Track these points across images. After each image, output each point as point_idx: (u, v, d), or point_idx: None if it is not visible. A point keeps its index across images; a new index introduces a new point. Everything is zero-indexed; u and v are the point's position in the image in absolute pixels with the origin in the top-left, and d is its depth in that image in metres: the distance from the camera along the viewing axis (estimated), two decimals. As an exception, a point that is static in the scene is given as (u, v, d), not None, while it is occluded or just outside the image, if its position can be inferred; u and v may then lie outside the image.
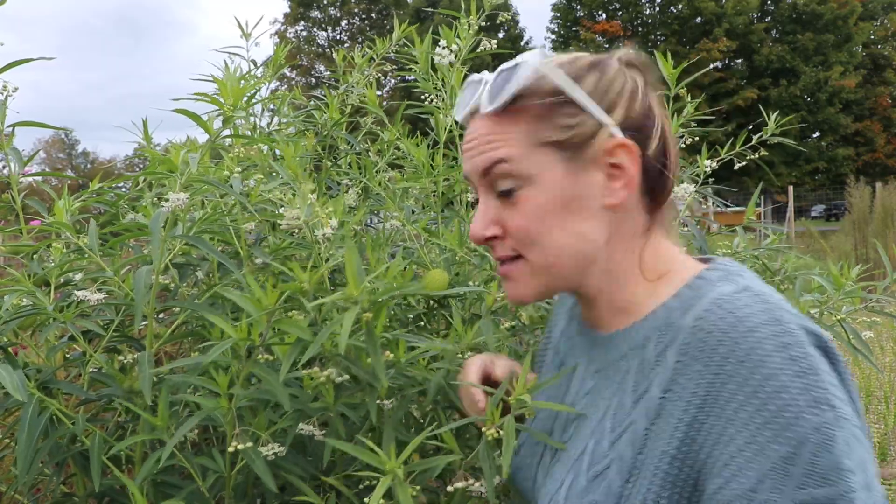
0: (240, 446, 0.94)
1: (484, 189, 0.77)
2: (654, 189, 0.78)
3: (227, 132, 1.05)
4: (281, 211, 1.09)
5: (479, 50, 1.55)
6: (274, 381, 0.89)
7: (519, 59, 0.75)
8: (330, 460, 1.01)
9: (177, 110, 0.95)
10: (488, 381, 0.93)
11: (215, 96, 1.02)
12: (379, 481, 0.78)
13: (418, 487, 0.86)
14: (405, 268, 1.25)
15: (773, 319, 0.65)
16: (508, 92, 0.74)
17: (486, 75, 0.78)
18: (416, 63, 1.59)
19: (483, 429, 0.84)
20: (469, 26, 1.51)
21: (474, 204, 1.78)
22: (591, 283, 0.79)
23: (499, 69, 0.77)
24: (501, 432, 0.82)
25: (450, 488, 0.86)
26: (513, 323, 1.35)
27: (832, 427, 0.61)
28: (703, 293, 0.71)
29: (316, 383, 0.99)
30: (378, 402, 1.00)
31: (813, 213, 26.01)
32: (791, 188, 14.65)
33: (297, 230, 1.11)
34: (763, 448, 0.61)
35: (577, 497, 0.73)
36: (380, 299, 0.89)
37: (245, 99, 1.03)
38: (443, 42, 1.50)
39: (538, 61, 0.74)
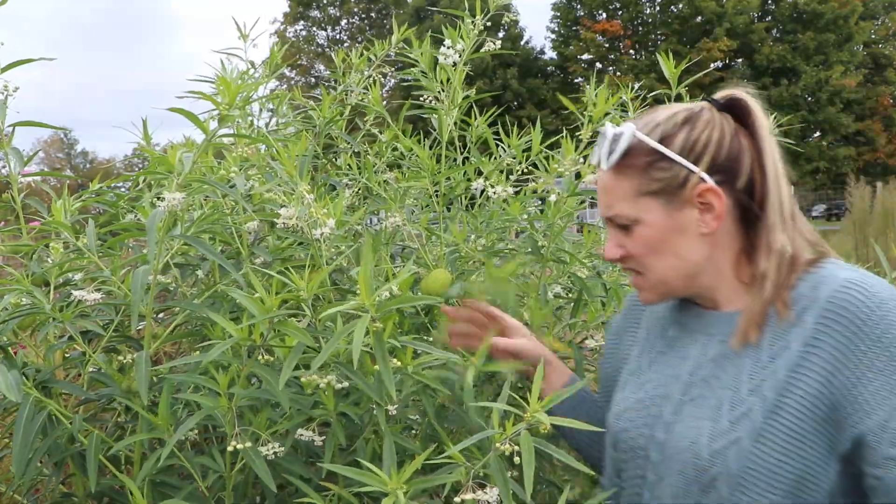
0: (239, 446, 0.93)
1: (609, 223, 0.99)
2: (747, 213, 0.97)
3: (223, 131, 1.05)
4: (279, 210, 1.09)
5: (482, 50, 1.54)
6: (275, 382, 0.89)
7: (621, 128, 0.97)
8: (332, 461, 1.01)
9: (173, 109, 0.94)
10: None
11: (212, 95, 1.01)
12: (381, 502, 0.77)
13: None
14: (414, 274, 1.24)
15: (894, 295, 0.88)
16: (615, 157, 0.96)
17: (609, 130, 0.98)
18: (419, 63, 1.58)
19: (496, 444, 0.84)
20: (474, 26, 1.50)
21: (468, 203, 1.77)
22: (703, 286, 0.99)
23: (613, 133, 0.98)
24: (516, 447, 0.82)
25: (457, 499, 0.84)
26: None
27: None
28: (824, 278, 0.92)
29: (313, 388, 0.98)
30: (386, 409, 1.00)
31: (814, 213, 25.96)
32: (792, 188, 14.61)
33: (295, 229, 1.10)
34: (893, 389, 0.84)
35: (720, 436, 0.90)
36: (390, 309, 0.88)
37: (241, 98, 1.02)
38: (447, 42, 1.49)
39: (635, 129, 0.95)
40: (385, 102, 1.78)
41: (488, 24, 1.55)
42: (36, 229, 1.41)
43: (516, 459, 0.83)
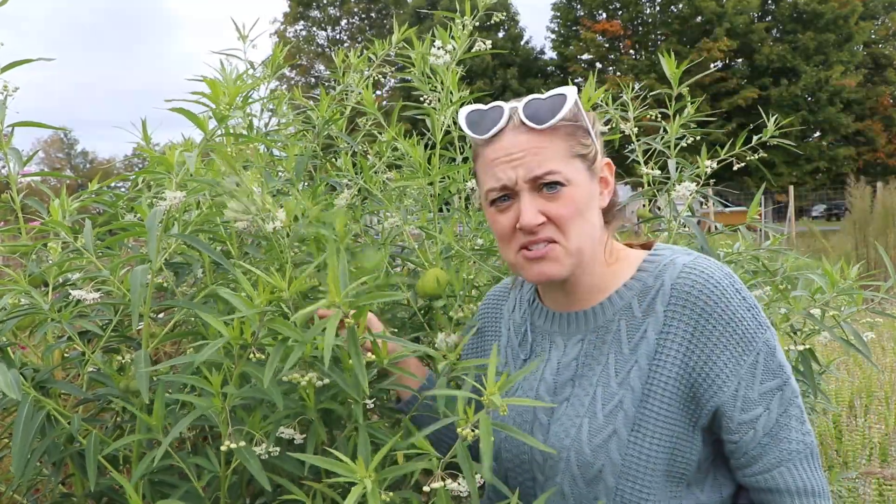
0: (233, 445, 0.94)
1: (529, 188, 0.97)
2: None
3: (222, 131, 1.05)
4: (229, 204, 1.07)
5: (473, 50, 1.54)
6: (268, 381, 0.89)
7: (561, 90, 0.98)
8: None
9: (174, 109, 0.95)
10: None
11: (211, 95, 1.01)
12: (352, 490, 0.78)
13: (391, 494, 0.85)
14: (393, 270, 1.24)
15: (727, 274, 0.97)
16: (559, 116, 0.96)
17: (504, 103, 1.00)
18: (413, 65, 1.58)
19: (458, 430, 0.85)
20: (463, 27, 1.50)
21: (457, 203, 1.77)
22: (587, 263, 1.01)
23: (532, 97, 0.99)
24: (477, 431, 0.83)
25: (426, 489, 0.86)
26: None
27: (772, 339, 0.96)
28: (665, 266, 0.99)
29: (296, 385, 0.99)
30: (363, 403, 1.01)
31: (814, 213, 25.93)
32: (792, 188, 14.63)
33: (245, 224, 1.08)
34: (738, 361, 0.94)
35: (597, 431, 0.96)
36: (361, 304, 0.90)
37: (241, 98, 1.02)
38: (438, 42, 1.49)
39: (574, 95, 0.98)
40: (385, 102, 1.78)
41: (488, 23, 1.55)
42: (35, 229, 1.41)
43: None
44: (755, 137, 1.66)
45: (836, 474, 2.56)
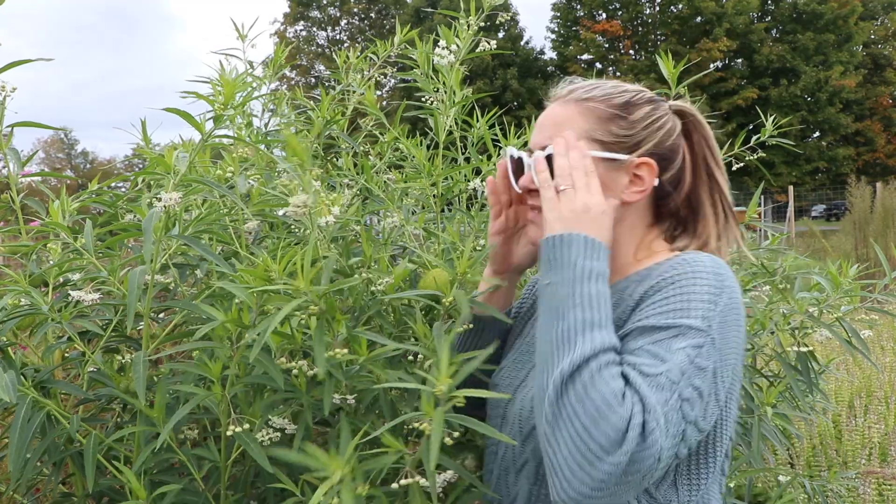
0: (237, 429, 0.95)
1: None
2: (660, 203, 1.03)
3: (220, 132, 1.05)
4: (289, 199, 1.08)
5: (478, 50, 1.54)
6: (268, 363, 0.90)
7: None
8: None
9: (169, 109, 0.94)
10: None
11: (208, 96, 1.01)
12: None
13: (374, 487, 0.85)
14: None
15: (720, 264, 0.90)
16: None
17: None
18: (416, 65, 1.58)
19: (417, 425, 0.84)
20: (468, 26, 1.50)
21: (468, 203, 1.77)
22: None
23: (590, 81, 1.03)
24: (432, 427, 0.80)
25: (394, 485, 0.86)
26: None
27: (708, 346, 0.85)
28: (679, 257, 0.95)
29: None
30: (342, 398, 1.02)
31: (813, 213, 25.92)
32: (791, 188, 14.63)
33: (300, 219, 1.08)
34: (654, 320, 0.88)
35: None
36: (329, 292, 0.90)
37: (240, 97, 1.02)
38: (442, 42, 1.48)
39: (622, 83, 1.00)
40: (386, 102, 1.78)
41: (486, 23, 1.55)
42: (35, 230, 1.41)
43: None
44: (754, 137, 1.66)
45: (836, 474, 2.56)
